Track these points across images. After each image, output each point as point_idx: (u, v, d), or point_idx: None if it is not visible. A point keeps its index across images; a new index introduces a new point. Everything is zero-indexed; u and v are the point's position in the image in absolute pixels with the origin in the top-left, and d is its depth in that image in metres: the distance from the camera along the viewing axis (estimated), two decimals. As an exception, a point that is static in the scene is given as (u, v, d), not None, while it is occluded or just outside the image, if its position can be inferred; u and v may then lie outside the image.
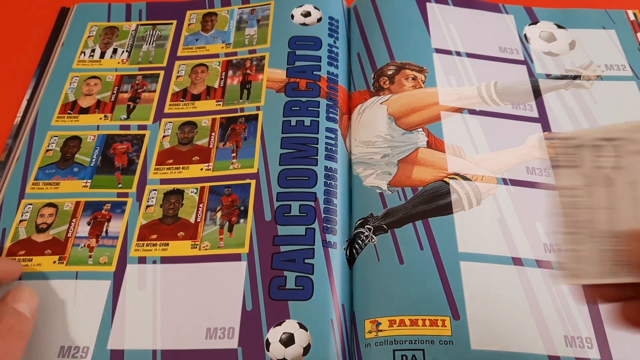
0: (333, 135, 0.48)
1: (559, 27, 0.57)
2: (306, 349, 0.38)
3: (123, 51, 0.56)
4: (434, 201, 0.44)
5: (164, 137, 0.50)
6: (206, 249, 0.43)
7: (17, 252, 0.44)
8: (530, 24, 0.57)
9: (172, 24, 0.58)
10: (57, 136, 0.50)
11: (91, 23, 0.58)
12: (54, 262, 0.43)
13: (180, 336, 0.39)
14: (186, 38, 0.57)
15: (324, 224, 0.43)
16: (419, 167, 0.46)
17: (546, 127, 0.49)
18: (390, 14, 0.55)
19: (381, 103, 0.50)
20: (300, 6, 0.56)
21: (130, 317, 0.40)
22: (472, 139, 0.48)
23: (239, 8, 0.58)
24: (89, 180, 0.47)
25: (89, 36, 0.57)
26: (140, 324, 0.40)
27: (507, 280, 0.41)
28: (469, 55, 0.54)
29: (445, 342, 0.37)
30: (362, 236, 0.43)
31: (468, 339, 0.38)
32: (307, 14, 0.55)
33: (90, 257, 0.43)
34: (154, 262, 0.43)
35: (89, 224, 0.45)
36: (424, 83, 0.51)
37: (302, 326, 0.39)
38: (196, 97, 0.52)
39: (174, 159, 0.48)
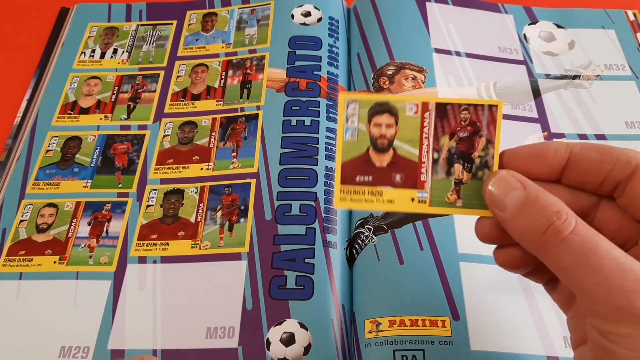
0: (333, 135, 0.48)
1: (558, 26, 0.57)
2: (307, 349, 0.38)
3: (123, 51, 0.56)
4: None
5: (164, 136, 0.50)
6: (206, 249, 0.43)
7: (17, 252, 0.44)
8: (529, 24, 0.57)
9: (172, 24, 0.58)
10: (57, 136, 0.50)
11: (91, 23, 0.58)
12: (55, 262, 0.43)
13: (181, 336, 0.39)
14: (186, 38, 0.57)
15: (324, 224, 0.43)
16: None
17: (545, 127, 0.49)
18: (390, 14, 0.56)
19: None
20: (301, 6, 0.56)
21: (131, 317, 0.40)
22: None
23: (239, 8, 0.58)
24: (90, 181, 0.47)
25: (89, 36, 0.57)
26: (141, 323, 0.40)
27: (507, 281, 0.41)
28: (469, 55, 0.54)
29: (445, 343, 0.38)
30: (362, 236, 0.43)
31: (468, 339, 0.38)
32: (307, 14, 0.55)
33: (90, 257, 0.43)
34: (154, 261, 0.43)
35: (89, 224, 0.45)
36: (423, 83, 0.51)
37: (302, 326, 0.39)
38: (196, 97, 0.52)
39: (174, 158, 0.48)
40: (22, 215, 0.46)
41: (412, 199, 0.29)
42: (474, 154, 0.28)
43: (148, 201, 0.46)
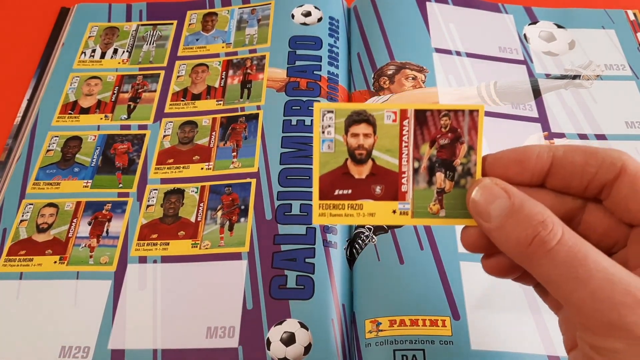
0: (333, 135, 0.48)
1: (559, 27, 0.57)
2: (307, 348, 0.38)
3: (123, 51, 0.56)
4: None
5: (164, 136, 0.50)
6: (207, 248, 0.43)
7: (18, 252, 0.44)
8: (529, 24, 0.57)
9: (172, 24, 0.58)
10: (57, 136, 0.50)
11: (91, 23, 0.58)
12: (55, 262, 0.43)
13: (181, 335, 0.39)
14: (186, 38, 0.57)
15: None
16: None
17: (546, 127, 0.49)
18: (390, 13, 0.56)
19: (381, 103, 0.50)
20: (301, 6, 0.56)
21: (131, 317, 0.40)
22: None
23: (239, 8, 0.58)
24: (90, 180, 0.47)
25: (89, 36, 0.57)
26: (141, 323, 0.40)
27: (507, 280, 0.41)
28: (469, 55, 0.54)
29: (446, 342, 0.38)
30: (362, 236, 0.43)
31: (468, 339, 0.38)
32: (308, 14, 0.55)
33: (91, 257, 0.43)
34: (155, 261, 0.43)
35: (89, 224, 0.45)
36: (423, 83, 0.51)
37: (302, 325, 0.39)
38: (197, 97, 0.52)
39: (174, 158, 0.48)
40: (23, 215, 0.46)
41: (394, 211, 0.28)
42: (455, 162, 0.27)
43: (148, 201, 0.46)
